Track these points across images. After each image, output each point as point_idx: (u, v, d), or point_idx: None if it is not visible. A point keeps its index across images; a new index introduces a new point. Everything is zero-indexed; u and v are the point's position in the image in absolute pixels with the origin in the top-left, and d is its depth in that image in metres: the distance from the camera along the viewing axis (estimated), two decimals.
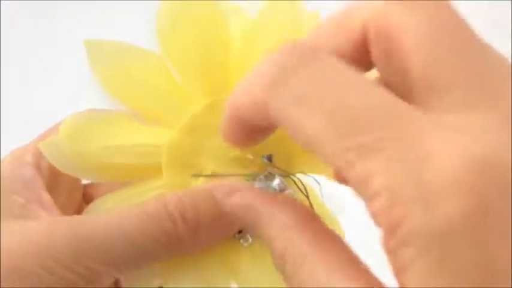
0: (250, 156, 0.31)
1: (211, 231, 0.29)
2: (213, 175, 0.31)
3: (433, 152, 0.17)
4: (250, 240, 0.30)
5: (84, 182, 0.34)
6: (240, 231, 0.30)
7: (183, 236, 0.28)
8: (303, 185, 0.31)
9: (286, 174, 0.31)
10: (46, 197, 0.30)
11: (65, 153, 0.30)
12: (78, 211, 0.33)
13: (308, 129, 0.19)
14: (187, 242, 0.28)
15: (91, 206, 0.31)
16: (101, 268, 0.27)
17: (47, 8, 0.73)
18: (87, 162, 0.30)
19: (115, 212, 0.28)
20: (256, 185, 0.30)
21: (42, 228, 0.27)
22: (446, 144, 0.17)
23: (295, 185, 0.31)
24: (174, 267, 0.30)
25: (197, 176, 0.30)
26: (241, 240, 0.31)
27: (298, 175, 0.31)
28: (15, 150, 0.31)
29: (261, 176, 0.31)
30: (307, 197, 0.31)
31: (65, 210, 0.31)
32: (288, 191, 0.31)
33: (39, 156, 0.31)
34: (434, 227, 0.17)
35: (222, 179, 0.30)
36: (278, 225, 0.23)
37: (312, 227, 0.23)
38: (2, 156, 0.32)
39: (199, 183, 0.30)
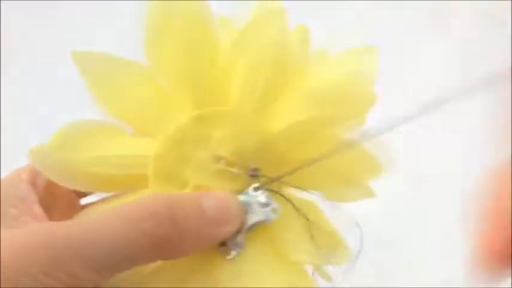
0: (236, 170, 0.30)
1: (196, 238, 0.29)
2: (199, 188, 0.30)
3: None
4: (234, 253, 0.30)
5: (83, 202, 0.34)
6: (223, 244, 0.30)
7: (168, 239, 0.28)
8: (291, 201, 0.31)
9: (277, 191, 0.31)
10: (39, 211, 0.30)
11: (53, 161, 0.30)
12: None
13: None
14: (172, 245, 0.28)
15: (80, 214, 0.31)
16: (82, 273, 0.26)
17: (47, 8, 0.73)
18: (75, 171, 0.30)
19: (95, 215, 0.28)
20: (241, 198, 0.30)
21: (23, 234, 0.27)
22: None
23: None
24: (154, 278, 0.30)
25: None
26: (225, 253, 0.30)
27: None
28: (14, 169, 0.32)
29: (249, 190, 0.31)
30: (297, 210, 0.31)
31: None
32: (273, 206, 0.30)
33: (35, 175, 0.31)
34: None
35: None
36: None
37: None
38: (2, 158, 0.32)
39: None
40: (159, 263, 0.29)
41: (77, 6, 0.73)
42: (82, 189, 0.32)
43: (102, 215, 0.28)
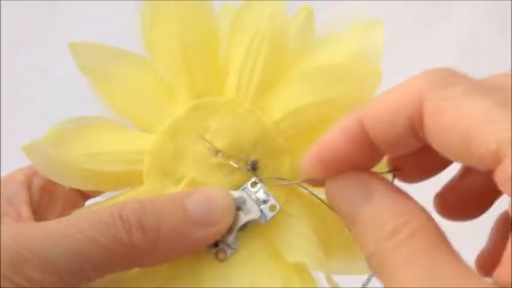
0: (233, 164, 0.29)
1: (176, 242, 0.27)
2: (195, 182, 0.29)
3: None
4: (227, 254, 0.29)
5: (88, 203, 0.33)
6: (216, 245, 0.29)
7: (140, 246, 0.26)
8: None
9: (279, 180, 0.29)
10: (25, 212, 0.29)
11: (48, 157, 0.29)
12: None
13: (473, 112, 0.22)
14: (145, 252, 0.26)
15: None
16: (39, 276, 0.25)
17: (46, 4, 0.73)
18: (69, 168, 0.29)
19: (64, 218, 0.27)
20: (236, 194, 0.29)
21: None
22: None
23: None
24: (138, 280, 0.28)
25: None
26: (217, 255, 0.29)
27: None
28: (14, 170, 0.31)
29: (247, 184, 0.29)
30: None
31: None
32: (271, 203, 0.29)
33: (31, 175, 0.31)
34: None
35: (204, 185, 0.29)
36: None
37: None
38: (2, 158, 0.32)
39: (179, 189, 0.29)
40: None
41: (84, 12, 0.73)
42: (77, 187, 0.30)
43: (70, 218, 0.27)
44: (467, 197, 0.29)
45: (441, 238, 0.23)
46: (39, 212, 0.30)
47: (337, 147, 0.26)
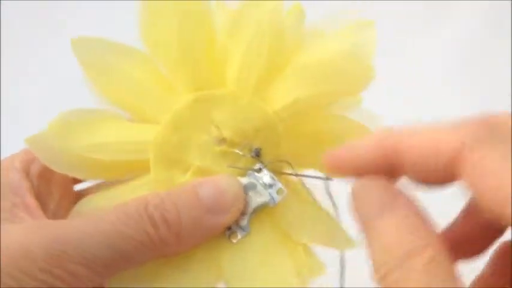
0: (238, 151, 0.30)
1: (196, 232, 0.29)
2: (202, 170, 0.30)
3: None
4: (239, 236, 0.30)
5: (77, 188, 0.33)
6: (229, 228, 0.30)
7: (166, 239, 0.28)
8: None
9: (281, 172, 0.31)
10: (31, 201, 0.30)
11: (52, 148, 0.30)
12: None
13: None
14: (171, 244, 0.28)
15: (78, 205, 0.31)
16: (81, 270, 0.26)
17: (47, 7, 0.73)
18: (73, 158, 0.30)
19: (94, 214, 0.28)
20: (244, 180, 0.30)
21: (19, 232, 0.27)
22: None
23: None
24: (158, 266, 0.30)
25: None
26: (230, 237, 0.30)
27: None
28: (6, 158, 0.31)
29: (252, 171, 0.30)
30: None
31: (57, 216, 0.31)
32: (278, 186, 0.30)
33: (28, 163, 0.31)
34: None
35: (210, 173, 0.30)
36: None
37: None
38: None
39: (187, 178, 0.30)
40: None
41: (83, 13, 0.73)
42: (81, 177, 0.31)
43: (99, 215, 0.28)
44: (468, 239, 0.30)
45: (454, 271, 0.23)
46: (39, 200, 0.30)
47: (364, 156, 0.26)
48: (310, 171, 0.32)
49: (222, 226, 0.30)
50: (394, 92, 0.61)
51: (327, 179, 0.30)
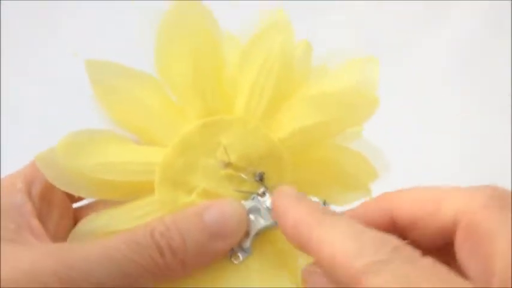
0: (242, 175, 0.31)
1: (200, 258, 0.29)
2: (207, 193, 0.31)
3: None
4: (241, 258, 0.31)
5: (75, 206, 0.34)
6: (231, 249, 0.31)
7: (171, 265, 0.29)
8: None
9: None
10: (36, 223, 0.30)
11: (60, 167, 0.30)
12: None
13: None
14: (175, 269, 0.29)
15: (79, 225, 0.31)
16: None
17: (46, 7, 0.73)
18: (81, 177, 0.31)
19: (102, 240, 0.29)
20: (248, 204, 0.31)
21: (28, 257, 0.27)
22: None
23: None
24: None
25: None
26: (232, 258, 0.31)
27: None
28: (6, 177, 0.32)
29: (255, 195, 0.31)
30: None
31: (57, 236, 0.31)
32: None
33: (30, 183, 0.31)
34: None
35: (215, 195, 0.31)
36: None
37: None
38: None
39: (191, 199, 0.31)
40: None
41: (83, 13, 0.73)
42: (87, 196, 0.32)
43: (108, 241, 0.28)
44: None
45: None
46: (40, 221, 0.31)
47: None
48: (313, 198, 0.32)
49: (225, 251, 0.30)
50: (394, 92, 0.61)
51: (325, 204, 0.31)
